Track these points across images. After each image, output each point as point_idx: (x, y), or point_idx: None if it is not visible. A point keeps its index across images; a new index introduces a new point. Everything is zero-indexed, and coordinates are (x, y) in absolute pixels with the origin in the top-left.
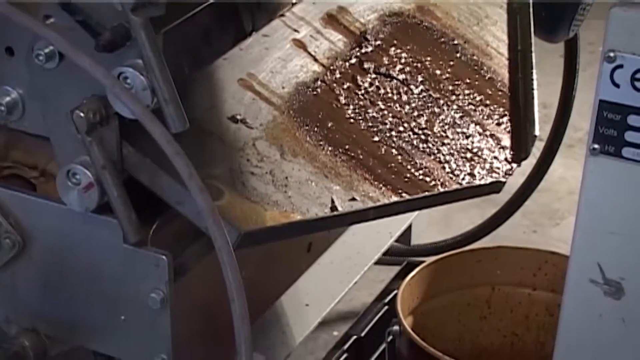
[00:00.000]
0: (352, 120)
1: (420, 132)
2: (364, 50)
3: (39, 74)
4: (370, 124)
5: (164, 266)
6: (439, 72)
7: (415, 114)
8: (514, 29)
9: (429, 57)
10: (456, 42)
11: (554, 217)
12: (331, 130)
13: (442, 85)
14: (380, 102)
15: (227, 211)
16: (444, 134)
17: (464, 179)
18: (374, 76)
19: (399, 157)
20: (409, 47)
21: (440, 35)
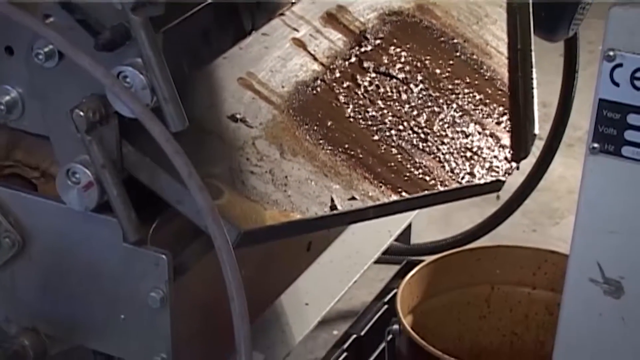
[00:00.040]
0: (351, 119)
1: (419, 131)
2: (363, 49)
3: (38, 73)
4: (369, 123)
5: (164, 265)
6: (438, 71)
7: (414, 113)
8: (513, 28)
9: (428, 56)
10: (456, 41)
11: (553, 216)
12: (331, 129)
13: (441, 84)
14: (379, 101)
15: (227, 210)
16: (444, 133)
17: (463, 178)
18: (373, 75)
19: (399, 156)
20: (408, 46)
21: (439, 34)
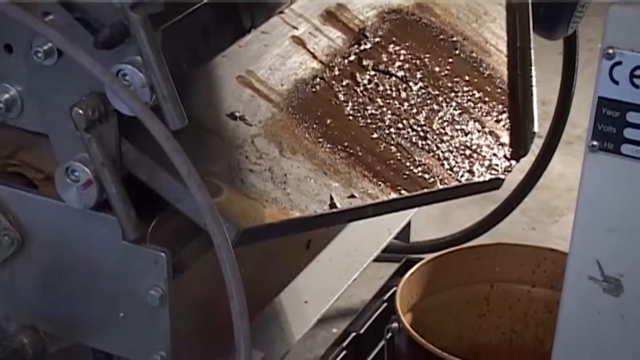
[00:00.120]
0: (351, 117)
1: (419, 129)
2: (362, 47)
3: (37, 71)
4: (369, 121)
5: (163, 263)
6: (437, 69)
7: (414, 111)
8: (512, 26)
9: (427, 54)
10: (455, 39)
11: (552, 214)
12: (330, 127)
13: (441, 82)
14: (379, 99)
15: (226, 208)
16: (443, 131)
17: (463, 176)
18: (372, 73)
19: (398, 154)
20: (407, 44)
21: (439, 32)
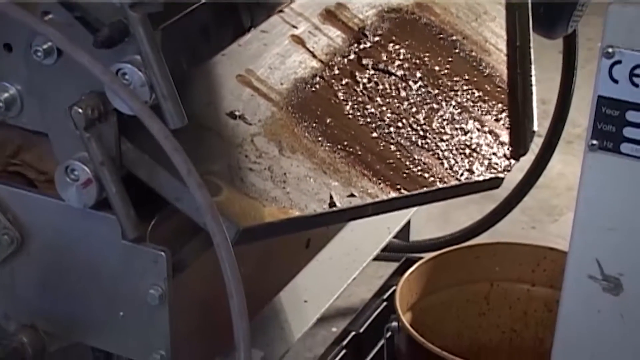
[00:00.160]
0: (350, 116)
1: (418, 128)
2: (362, 46)
3: (37, 70)
4: (368, 120)
5: (163, 262)
6: (437, 68)
7: (413, 110)
8: (512, 25)
9: (427, 53)
10: (455, 38)
11: (552, 213)
12: (330, 126)
13: (440, 81)
14: (378, 98)
15: (226, 207)
16: (443, 130)
17: (462, 175)
18: (372, 72)
19: (398, 153)
20: (407, 43)
21: (438, 31)
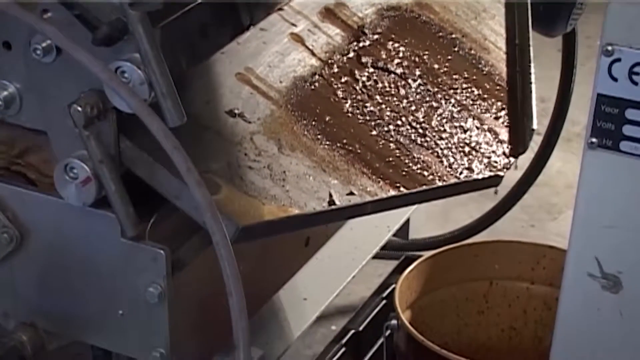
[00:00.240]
0: (349, 114)
1: (418, 126)
2: (361, 44)
3: (36, 68)
4: (368, 118)
5: (162, 260)
6: (436, 66)
7: (413, 108)
8: (511, 23)
9: (426, 51)
10: (454, 36)
11: (552, 211)
12: (329, 124)
13: (440, 79)
14: (378, 96)
15: (225, 205)
16: (442, 128)
17: (462, 173)
18: (371, 70)
19: (397, 151)
20: (406, 41)
21: (438, 29)
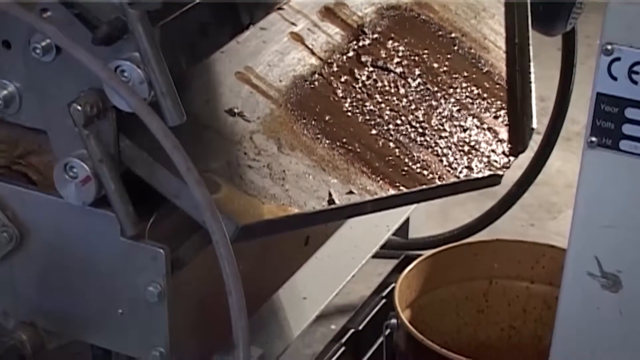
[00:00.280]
0: (349, 113)
1: (417, 125)
2: (361, 43)
3: (35, 67)
4: (367, 117)
5: (162, 259)
6: (436, 65)
7: (412, 107)
8: (511, 22)
9: (426, 51)
10: (453, 35)
11: (551, 210)
12: (328, 123)
13: (439, 78)
14: (377, 95)
15: (225, 204)
16: (442, 127)
17: (461, 172)
18: (371, 69)
19: (397, 150)
20: (406, 40)
21: (437, 28)
